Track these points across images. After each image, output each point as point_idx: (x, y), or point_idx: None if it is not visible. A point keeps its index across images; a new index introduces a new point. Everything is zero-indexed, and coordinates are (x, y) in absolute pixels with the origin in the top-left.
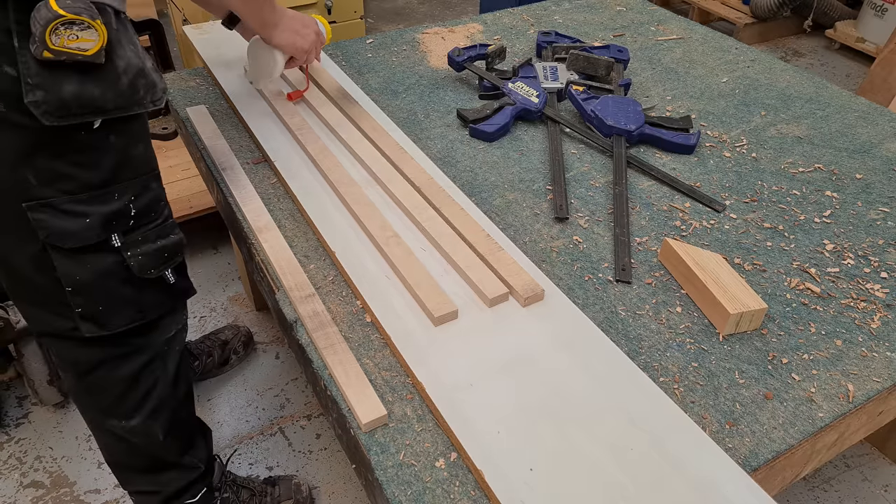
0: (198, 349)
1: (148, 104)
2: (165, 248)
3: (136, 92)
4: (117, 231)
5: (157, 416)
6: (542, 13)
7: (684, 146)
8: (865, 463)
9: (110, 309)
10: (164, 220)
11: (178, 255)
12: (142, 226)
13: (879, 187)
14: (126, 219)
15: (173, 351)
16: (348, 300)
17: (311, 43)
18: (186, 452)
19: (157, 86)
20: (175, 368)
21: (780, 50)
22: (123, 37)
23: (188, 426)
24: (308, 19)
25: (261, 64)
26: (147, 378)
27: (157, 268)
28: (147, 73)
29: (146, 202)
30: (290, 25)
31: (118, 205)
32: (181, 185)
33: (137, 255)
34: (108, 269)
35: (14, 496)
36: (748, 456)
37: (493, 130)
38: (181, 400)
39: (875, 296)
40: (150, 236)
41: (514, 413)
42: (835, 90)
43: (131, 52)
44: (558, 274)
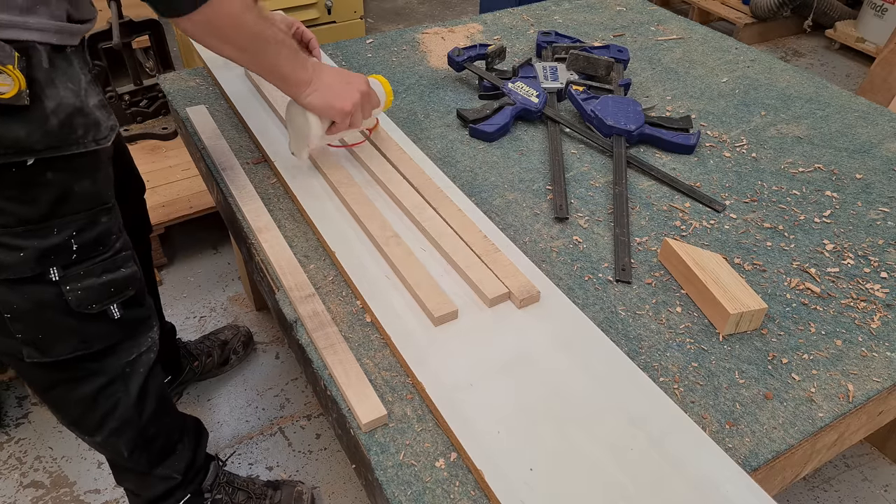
0: (197, 349)
1: (89, 143)
2: (112, 282)
3: (71, 132)
4: (55, 265)
5: (119, 434)
6: (542, 13)
7: (684, 146)
8: (865, 463)
9: (50, 338)
10: (115, 254)
11: (127, 290)
12: (85, 260)
13: (879, 187)
14: (66, 253)
15: (136, 373)
16: (348, 300)
17: (353, 103)
18: (158, 465)
19: (102, 124)
20: (139, 389)
21: (780, 50)
22: (61, 75)
23: (161, 440)
24: (355, 77)
25: (296, 129)
26: (106, 400)
27: (101, 302)
28: (88, 112)
29: (92, 237)
30: (327, 83)
31: (57, 239)
32: (181, 185)
33: (77, 290)
34: (45, 301)
35: (14, 496)
36: (748, 456)
37: (492, 130)
38: (149, 418)
39: (875, 296)
40: (95, 270)
41: (514, 413)
42: (835, 90)
43: (68, 90)
44: (558, 274)
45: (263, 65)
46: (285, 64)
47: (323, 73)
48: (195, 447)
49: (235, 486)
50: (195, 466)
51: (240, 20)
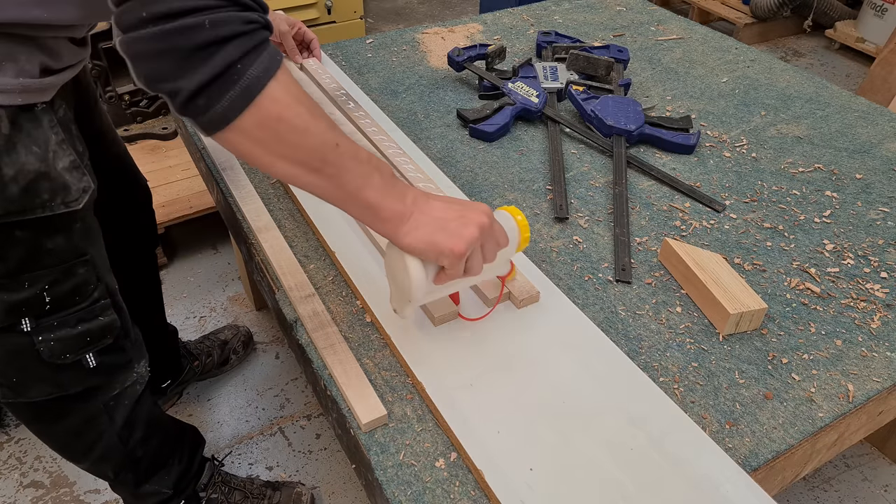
0: (197, 349)
1: (57, 206)
2: (89, 332)
3: (34, 197)
4: (27, 316)
5: (106, 461)
6: (542, 13)
7: (684, 146)
8: (865, 463)
9: (24, 383)
10: (92, 304)
11: (105, 338)
12: (60, 310)
13: (879, 187)
14: (39, 305)
15: (121, 405)
16: (348, 300)
17: (467, 242)
18: (145, 483)
19: (72, 187)
20: (124, 420)
21: (779, 50)
22: (24, 138)
23: (149, 460)
24: (472, 207)
25: (396, 278)
26: (90, 432)
27: (75, 352)
28: (55, 175)
29: (67, 289)
30: (434, 217)
31: (28, 293)
32: (181, 184)
33: (49, 342)
34: (17, 348)
35: (14, 496)
36: (748, 456)
37: (492, 130)
38: (136, 443)
39: (875, 296)
40: (70, 321)
41: (514, 413)
42: (835, 90)
43: (31, 155)
44: (558, 274)
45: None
46: (375, 190)
47: (429, 204)
48: (190, 458)
49: (232, 486)
50: (189, 475)
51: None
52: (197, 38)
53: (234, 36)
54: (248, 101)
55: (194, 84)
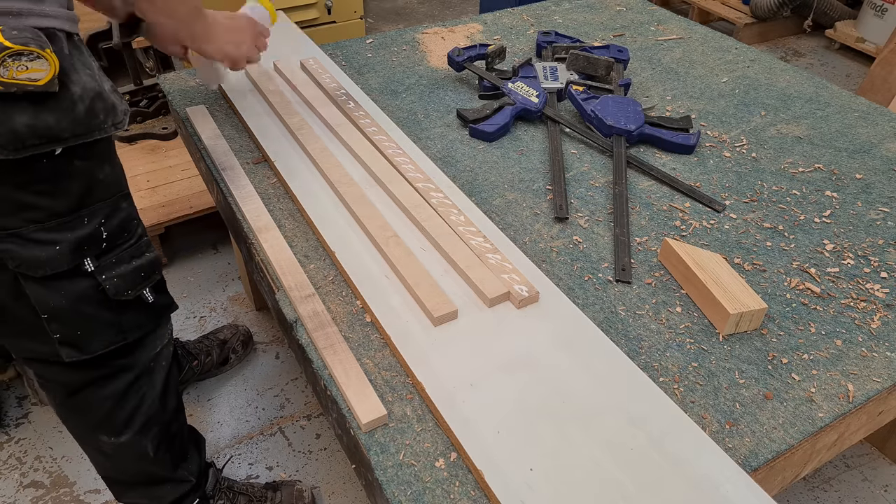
0: (196, 349)
1: (109, 128)
2: (141, 267)
3: (94, 117)
4: (89, 255)
5: (146, 431)
6: (542, 13)
7: (684, 146)
8: (865, 463)
9: (89, 333)
10: (138, 240)
11: (155, 274)
12: (115, 247)
13: (879, 187)
14: (98, 242)
15: (160, 366)
16: (348, 300)
17: (248, 47)
18: (179, 466)
19: (118, 108)
20: (163, 383)
21: (779, 50)
22: (78, 61)
23: (180, 439)
24: (242, 21)
25: (204, 72)
26: (134, 395)
27: (135, 288)
28: (106, 96)
29: (118, 223)
30: (222, 37)
31: (89, 229)
32: (181, 184)
33: (112, 278)
34: (82, 294)
35: (14, 496)
36: (748, 456)
37: (492, 130)
38: (172, 413)
39: (875, 296)
40: (125, 257)
41: (514, 413)
42: (835, 90)
43: (87, 76)
44: (558, 274)
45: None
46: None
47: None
48: (199, 452)
49: (236, 491)
50: (202, 470)
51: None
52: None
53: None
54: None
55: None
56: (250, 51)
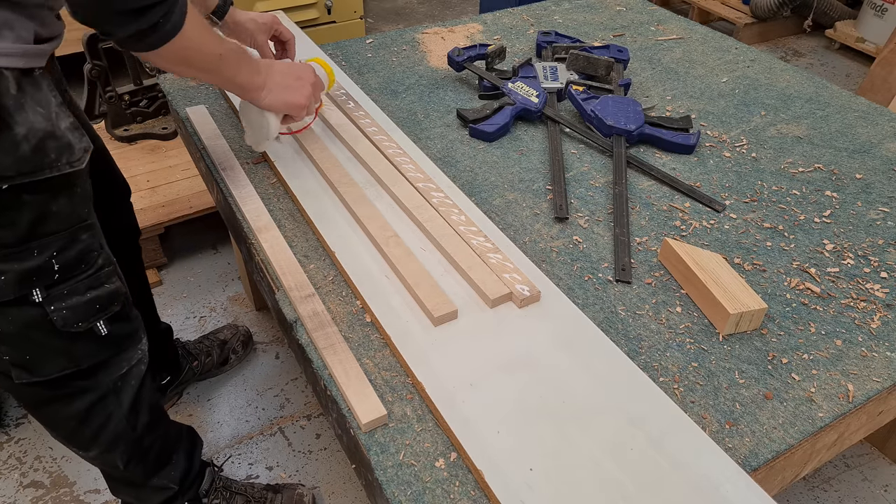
0: (196, 349)
1: (63, 166)
2: (97, 299)
3: (44, 156)
4: (38, 286)
5: (114, 447)
6: (542, 13)
7: (684, 146)
8: (865, 463)
9: (38, 359)
10: (98, 270)
11: (113, 305)
12: (69, 279)
13: (879, 187)
14: (49, 274)
15: (128, 386)
16: (348, 300)
17: (306, 97)
18: (153, 476)
19: (75, 146)
20: (131, 402)
21: (779, 50)
22: (30, 99)
23: (156, 450)
24: (302, 69)
25: (255, 128)
26: (98, 414)
27: (87, 320)
28: (60, 134)
29: (73, 255)
30: (280, 83)
31: (38, 261)
32: (181, 185)
33: (62, 310)
34: (30, 322)
35: (14, 496)
36: (748, 456)
37: (492, 130)
38: (144, 428)
39: (875, 296)
40: (79, 288)
41: (513, 413)
42: (835, 90)
43: (39, 115)
44: (558, 274)
45: (223, 80)
46: (241, 74)
47: (274, 73)
48: (190, 455)
49: (233, 491)
50: (191, 474)
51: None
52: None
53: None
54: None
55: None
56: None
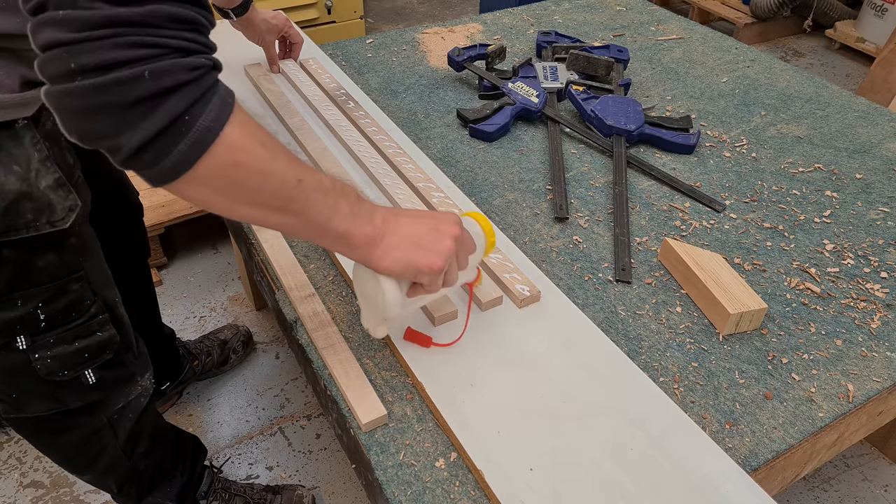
0: (197, 349)
1: (42, 226)
2: (87, 348)
3: (17, 217)
4: (23, 334)
5: (108, 473)
6: (542, 13)
7: (684, 146)
8: (865, 463)
9: (23, 399)
10: (89, 319)
11: (103, 354)
12: (56, 328)
13: (879, 187)
14: (34, 323)
15: (125, 419)
16: (348, 300)
17: (444, 258)
18: (148, 495)
19: (56, 206)
20: (128, 434)
21: (780, 50)
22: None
23: (151, 472)
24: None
25: (367, 298)
26: (93, 446)
27: (74, 369)
28: (37, 195)
29: (63, 305)
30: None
31: (21, 311)
32: None
33: (46, 359)
34: (13, 366)
35: (14, 496)
36: (748, 456)
37: (492, 130)
38: (141, 455)
39: (875, 296)
40: (67, 338)
41: (514, 413)
42: (835, 90)
43: (12, 174)
44: (558, 274)
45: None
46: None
47: (399, 222)
48: (192, 469)
49: (232, 492)
50: (191, 486)
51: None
52: (135, 92)
53: (179, 86)
54: (199, 152)
55: (136, 142)
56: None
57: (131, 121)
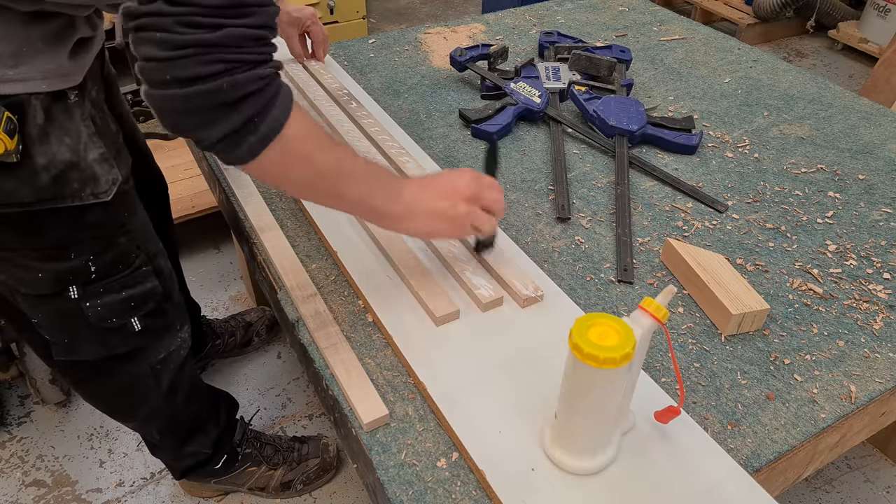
0: (221, 328)
1: (86, 197)
2: (132, 297)
3: (64, 186)
4: (75, 284)
5: (150, 421)
6: (545, 13)
7: (686, 146)
8: (867, 464)
9: (75, 343)
10: (134, 271)
11: (148, 304)
12: (105, 278)
13: (882, 188)
14: (85, 274)
15: (167, 369)
16: (350, 300)
17: (458, 223)
18: (186, 445)
19: (101, 178)
20: (170, 383)
21: (782, 50)
22: (58, 128)
23: (189, 423)
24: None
25: None
26: (137, 391)
27: (121, 317)
28: (85, 167)
29: (111, 257)
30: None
31: (75, 263)
32: (183, 184)
33: (96, 307)
34: (66, 313)
35: (16, 495)
36: (750, 457)
37: (495, 130)
38: (180, 405)
39: (878, 297)
40: (115, 287)
41: (515, 413)
42: (837, 91)
43: (63, 146)
44: (560, 274)
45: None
46: (376, 197)
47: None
48: (227, 421)
49: (263, 441)
50: (226, 437)
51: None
52: (217, 99)
53: (251, 94)
54: (265, 145)
55: (216, 136)
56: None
57: (213, 120)
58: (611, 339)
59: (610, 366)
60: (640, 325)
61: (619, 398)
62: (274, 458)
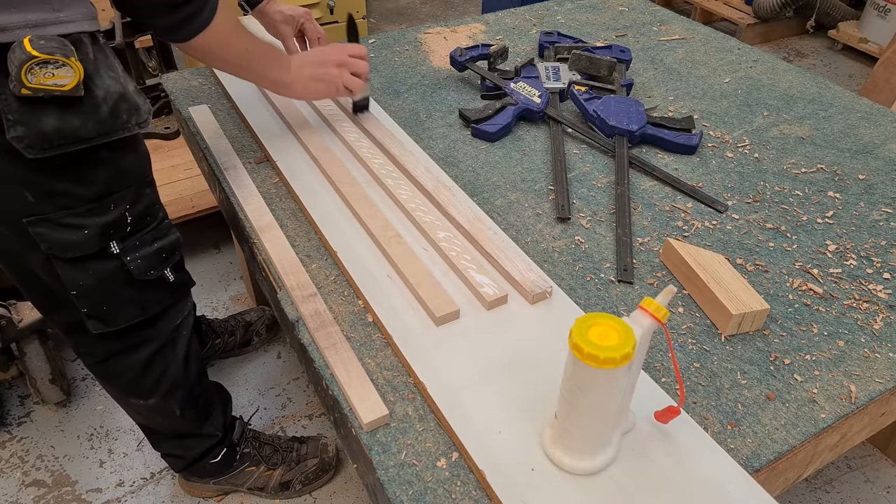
0: (221, 327)
1: (133, 127)
2: (163, 248)
3: (118, 117)
4: (115, 239)
5: (172, 395)
6: (545, 13)
7: (686, 146)
8: (867, 464)
9: (114, 308)
10: (160, 223)
11: (175, 254)
12: (139, 231)
13: (882, 188)
14: (123, 226)
15: (181, 337)
16: (350, 300)
17: (334, 77)
18: (204, 423)
19: (141, 108)
20: (185, 351)
21: (782, 50)
22: (102, 65)
23: (203, 400)
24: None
25: None
26: (158, 363)
27: (157, 268)
28: (129, 97)
29: (142, 208)
30: (307, 75)
31: (115, 214)
32: (183, 184)
33: (136, 260)
34: (109, 274)
35: (16, 495)
36: (750, 457)
37: (495, 130)
38: (194, 378)
39: (878, 297)
40: (148, 239)
41: (515, 413)
42: (837, 91)
43: (111, 78)
44: (560, 274)
45: (253, 74)
46: (272, 70)
47: (302, 68)
48: (224, 408)
49: (262, 441)
50: (226, 424)
51: (229, 42)
52: None
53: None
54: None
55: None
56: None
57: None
58: (611, 339)
59: (610, 366)
60: (640, 325)
61: (619, 398)
62: (273, 458)
